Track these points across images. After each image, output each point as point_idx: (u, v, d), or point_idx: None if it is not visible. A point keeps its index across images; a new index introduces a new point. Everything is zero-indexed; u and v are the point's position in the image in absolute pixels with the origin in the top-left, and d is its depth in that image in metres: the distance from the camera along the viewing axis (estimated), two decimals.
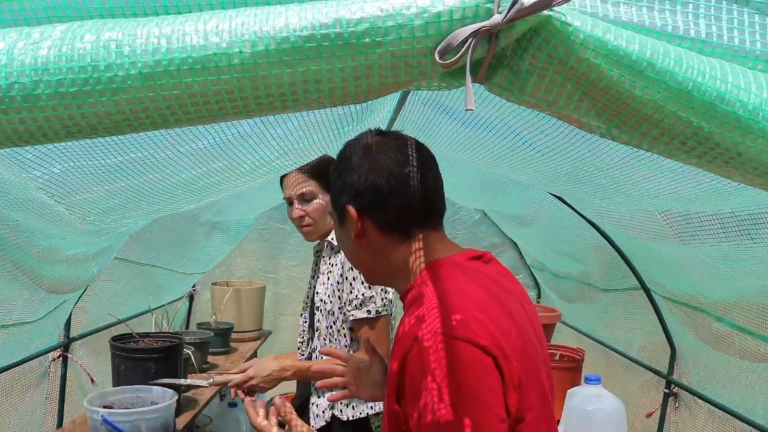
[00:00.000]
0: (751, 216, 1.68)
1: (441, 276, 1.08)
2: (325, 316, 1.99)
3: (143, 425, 1.88)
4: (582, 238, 3.06)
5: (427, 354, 0.95)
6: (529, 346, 1.05)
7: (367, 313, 1.86)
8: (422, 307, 1.02)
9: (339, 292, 1.94)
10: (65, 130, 0.79)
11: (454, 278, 1.08)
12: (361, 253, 1.19)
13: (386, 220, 1.14)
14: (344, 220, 1.18)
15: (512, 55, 0.82)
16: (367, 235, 1.15)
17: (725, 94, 0.78)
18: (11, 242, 1.63)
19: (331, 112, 1.88)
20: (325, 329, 2.00)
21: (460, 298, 1.02)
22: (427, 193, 1.15)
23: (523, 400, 0.99)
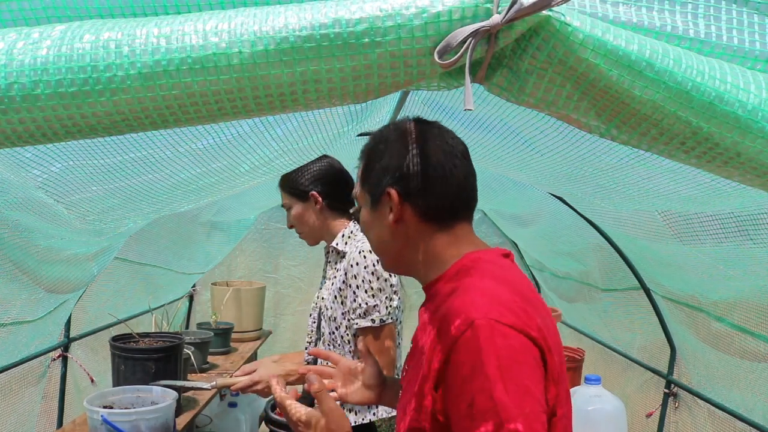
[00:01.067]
0: (751, 216, 1.68)
1: (482, 268, 1.08)
2: (327, 322, 1.98)
3: (143, 425, 1.87)
4: (582, 238, 3.07)
5: (481, 340, 0.94)
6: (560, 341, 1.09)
7: (372, 322, 1.84)
8: (468, 295, 1.01)
9: (342, 299, 1.93)
10: (65, 130, 0.79)
11: (495, 271, 1.08)
12: (390, 239, 1.16)
13: (427, 208, 1.13)
14: (380, 203, 1.15)
15: (511, 55, 0.82)
16: (405, 221, 1.14)
17: (724, 94, 0.78)
18: (11, 242, 1.63)
19: (330, 112, 1.88)
20: (329, 335, 1.99)
21: (507, 289, 1.02)
22: (467, 185, 1.16)
23: (559, 394, 1.01)
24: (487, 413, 0.90)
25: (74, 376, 2.71)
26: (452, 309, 0.99)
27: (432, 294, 1.14)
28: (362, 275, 1.85)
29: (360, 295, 1.85)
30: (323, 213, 2.04)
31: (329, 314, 1.97)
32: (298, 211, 2.07)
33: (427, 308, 1.13)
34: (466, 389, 0.93)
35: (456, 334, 0.95)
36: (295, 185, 2.07)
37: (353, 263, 1.88)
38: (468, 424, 0.92)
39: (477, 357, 0.93)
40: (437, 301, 1.09)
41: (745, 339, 2.18)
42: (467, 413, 0.93)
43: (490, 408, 0.90)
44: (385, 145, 1.17)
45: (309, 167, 2.08)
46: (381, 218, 1.15)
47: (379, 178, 1.15)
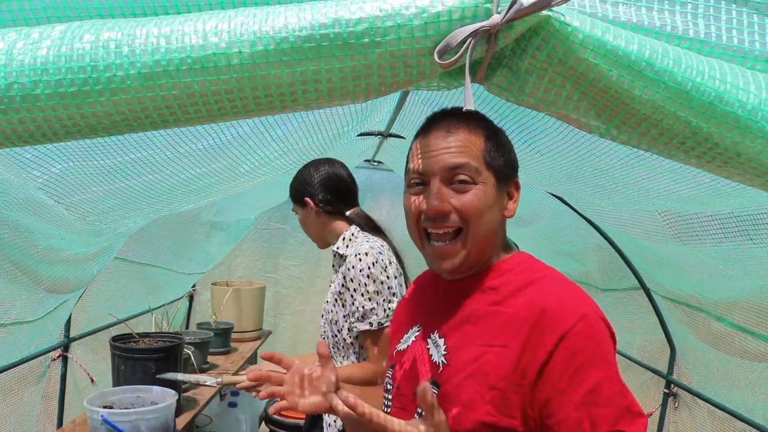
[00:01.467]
0: (750, 216, 1.68)
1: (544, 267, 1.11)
2: (329, 325, 1.99)
3: (143, 425, 1.87)
4: (582, 238, 3.06)
5: (596, 331, 0.98)
6: None
7: (369, 325, 1.84)
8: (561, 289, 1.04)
9: (342, 302, 1.94)
10: (64, 131, 0.79)
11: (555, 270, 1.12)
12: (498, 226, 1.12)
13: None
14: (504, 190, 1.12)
15: (511, 55, 0.82)
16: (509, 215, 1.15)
17: (724, 94, 0.78)
18: (11, 242, 1.63)
19: (330, 112, 1.88)
20: (332, 338, 1.99)
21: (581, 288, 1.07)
22: None
23: None
24: (615, 397, 0.95)
25: (74, 376, 2.71)
26: (550, 302, 1.00)
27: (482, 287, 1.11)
28: (358, 279, 1.85)
29: (357, 299, 1.86)
30: (321, 217, 2.05)
31: (330, 317, 1.97)
32: (300, 216, 2.11)
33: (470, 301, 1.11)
34: (587, 376, 0.95)
35: (568, 326, 0.97)
36: (294, 191, 2.10)
37: (350, 266, 1.88)
38: (589, 410, 0.94)
39: (596, 347, 0.97)
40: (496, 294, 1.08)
41: (745, 339, 2.18)
42: (587, 400, 0.95)
43: (617, 392, 0.95)
44: (505, 138, 1.15)
45: (308, 172, 2.09)
46: (500, 204, 1.11)
47: (511, 171, 1.13)
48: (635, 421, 0.95)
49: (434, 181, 1.07)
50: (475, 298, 1.10)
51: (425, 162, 1.08)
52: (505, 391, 0.99)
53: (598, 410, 0.94)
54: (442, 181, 1.07)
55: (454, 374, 1.07)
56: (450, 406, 1.05)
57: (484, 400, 1.01)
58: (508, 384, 0.99)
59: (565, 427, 0.95)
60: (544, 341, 0.98)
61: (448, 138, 1.08)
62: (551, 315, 0.99)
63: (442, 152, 1.07)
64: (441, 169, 1.07)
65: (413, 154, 1.13)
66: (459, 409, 1.04)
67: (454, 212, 1.06)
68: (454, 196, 1.06)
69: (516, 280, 1.08)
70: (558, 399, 0.96)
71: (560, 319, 0.98)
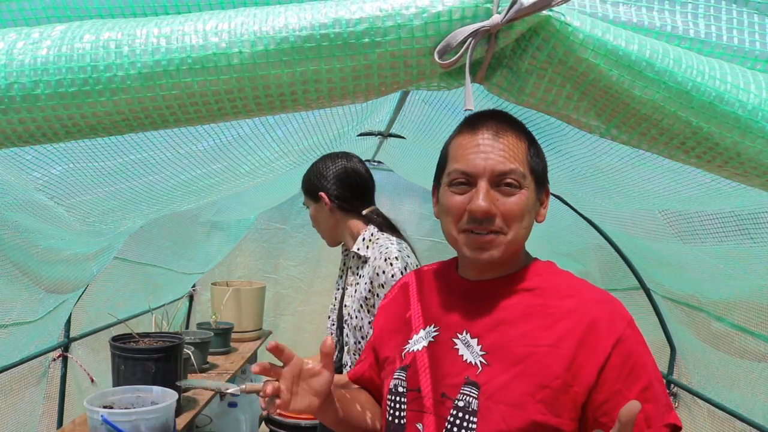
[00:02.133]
0: (751, 216, 1.68)
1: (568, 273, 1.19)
2: (352, 331, 1.89)
3: (143, 425, 1.87)
4: (582, 238, 3.06)
5: (640, 336, 1.07)
6: None
7: None
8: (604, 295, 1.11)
9: (368, 308, 1.83)
10: (65, 131, 0.79)
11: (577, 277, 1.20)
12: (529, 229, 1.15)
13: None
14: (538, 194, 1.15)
15: (511, 55, 0.82)
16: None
17: (724, 94, 0.78)
18: (11, 243, 1.63)
19: (331, 112, 1.88)
20: (354, 345, 1.89)
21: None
22: None
23: None
24: (662, 395, 1.06)
25: (75, 377, 2.71)
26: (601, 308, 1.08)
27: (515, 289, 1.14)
28: (390, 284, 1.75)
29: None
30: (335, 214, 1.96)
31: (354, 323, 1.87)
32: (312, 211, 2.03)
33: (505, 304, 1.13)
34: (640, 376, 1.04)
35: (621, 331, 1.05)
36: (307, 184, 2.01)
37: (379, 271, 1.79)
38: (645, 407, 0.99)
39: (644, 350, 1.07)
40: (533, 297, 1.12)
41: (745, 339, 2.18)
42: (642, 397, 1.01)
43: (663, 390, 1.06)
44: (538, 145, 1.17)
45: (325, 165, 1.99)
46: (536, 209, 1.15)
47: (544, 171, 1.16)
48: (673, 413, 1.06)
49: (482, 182, 1.07)
50: (512, 300, 1.13)
51: (473, 162, 1.08)
52: (556, 390, 1.03)
53: (651, 406, 1.03)
54: (490, 182, 1.07)
55: (498, 374, 1.06)
56: (496, 406, 1.05)
57: (535, 399, 1.03)
58: (560, 384, 1.03)
59: None
60: (602, 346, 1.04)
61: (497, 140, 1.08)
62: (604, 321, 1.06)
63: (492, 154, 1.07)
64: (491, 171, 1.07)
65: (457, 153, 1.12)
66: (508, 408, 1.04)
67: (499, 216, 1.08)
68: (500, 198, 1.08)
69: (549, 284, 1.14)
70: (615, 399, 1.02)
71: (613, 325, 1.05)
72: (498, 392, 1.05)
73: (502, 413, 1.04)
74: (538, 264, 1.19)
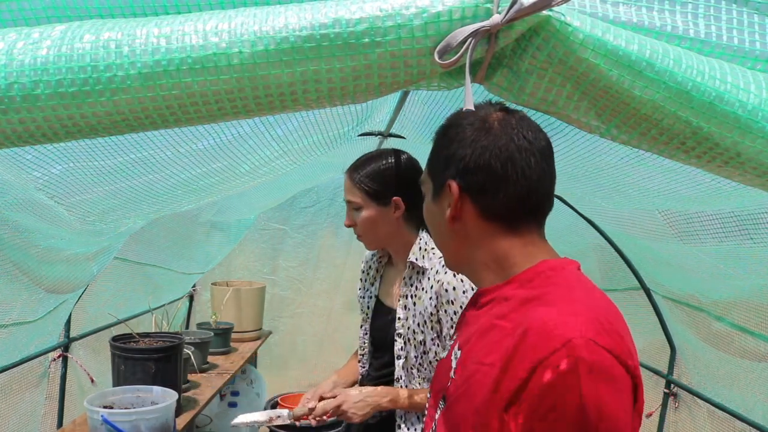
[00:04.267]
0: (751, 216, 1.68)
1: (566, 278, 0.96)
2: (414, 346, 1.76)
3: (143, 425, 1.87)
4: (582, 238, 3.07)
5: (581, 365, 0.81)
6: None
7: None
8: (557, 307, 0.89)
9: (432, 324, 1.71)
10: (65, 131, 0.79)
11: (582, 285, 0.96)
12: (449, 236, 1.06)
13: (491, 208, 1.00)
14: (440, 196, 1.04)
15: (512, 55, 0.82)
16: (464, 219, 1.02)
17: (724, 94, 0.78)
18: (11, 242, 1.63)
19: (331, 112, 1.88)
20: (414, 359, 1.77)
21: (598, 307, 0.90)
22: (542, 188, 1.02)
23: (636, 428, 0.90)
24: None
25: (76, 377, 2.71)
26: (538, 321, 0.87)
27: (495, 297, 1.01)
28: (460, 300, 1.63)
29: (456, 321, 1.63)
30: (398, 221, 1.77)
31: (419, 338, 1.75)
32: (370, 214, 1.77)
33: (485, 312, 1.01)
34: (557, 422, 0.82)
35: (545, 353, 0.83)
36: (376, 184, 1.76)
37: (449, 288, 1.66)
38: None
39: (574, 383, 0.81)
40: (505, 306, 0.97)
41: (745, 339, 2.18)
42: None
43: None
44: (455, 131, 1.02)
45: (389, 163, 1.77)
46: (440, 212, 1.05)
47: (442, 168, 1.03)
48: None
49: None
50: (487, 310, 1.02)
51: None
52: (485, 416, 0.89)
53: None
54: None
55: (454, 391, 1.00)
56: (445, 424, 0.99)
57: (468, 423, 0.92)
58: (489, 408, 0.88)
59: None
60: (519, 367, 0.85)
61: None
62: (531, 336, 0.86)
63: None
64: None
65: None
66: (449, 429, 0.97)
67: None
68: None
69: (519, 294, 0.97)
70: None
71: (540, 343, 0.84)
72: (448, 410, 1.00)
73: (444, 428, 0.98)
74: (538, 267, 1.00)
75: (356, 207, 1.78)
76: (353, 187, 1.78)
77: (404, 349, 1.78)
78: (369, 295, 1.94)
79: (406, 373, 1.79)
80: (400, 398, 1.74)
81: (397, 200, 1.75)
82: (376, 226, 1.78)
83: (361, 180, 1.76)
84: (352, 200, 1.78)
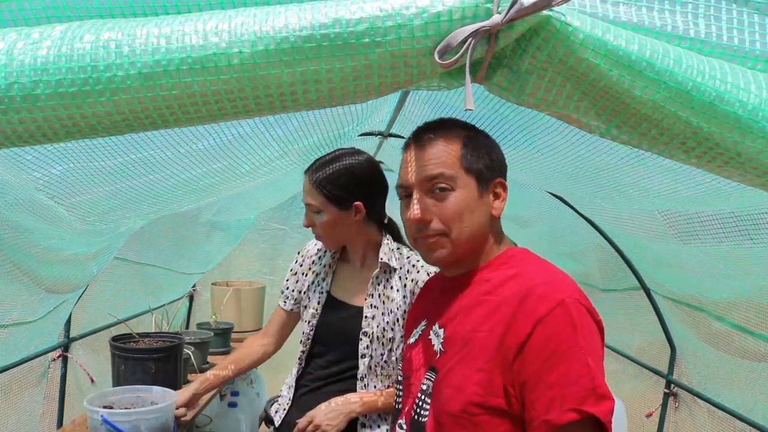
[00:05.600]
0: (751, 216, 1.68)
1: (534, 258, 1.18)
2: (382, 343, 1.76)
3: (143, 425, 1.87)
4: (582, 238, 3.07)
5: (573, 316, 1.03)
6: None
7: None
8: (543, 277, 1.10)
9: (404, 321, 1.71)
10: (65, 131, 0.79)
11: (545, 262, 1.17)
12: (487, 227, 1.19)
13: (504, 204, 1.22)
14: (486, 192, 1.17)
15: (512, 55, 0.82)
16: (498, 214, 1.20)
17: (725, 94, 0.78)
18: (11, 242, 1.63)
19: (331, 112, 1.88)
20: (380, 357, 1.77)
21: (567, 276, 1.12)
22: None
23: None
24: (583, 378, 1.00)
25: (76, 377, 2.71)
26: (532, 288, 1.06)
27: (476, 280, 1.18)
28: None
29: None
30: (360, 224, 1.76)
31: (388, 336, 1.75)
32: (330, 219, 1.74)
33: (467, 293, 1.18)
34: (561, 359, 1.01)
35: (544, 312, 1.03)
36: (335, 188, 1.71)
37: (422, 285, 1.63)
38: (560, 390, 1.00)
39: (571, 331, 1.02)
40: (488, 285, 1.15)
41: (745, 339, 2.18)
42: (559, 380, 1.00)
43: (585, 373, 1.00)
44: (488, 140, 1.21)
45: (350, 167, 1.73)
46: (486, 206, 1.17)
47: (490, 171, 1.18)
48: (600, 403, 1.00)
49: (414, 192, 1.17)
50: (470, 290, 1.18)
51: (404, 175, 1.19)
52: (490, 372, 1.06)
53: (566, 390, 1.00)
54: (423, 190, 1.16)
55: (448, 360, 1.15)
56: (444, 389, 1.13)
57: (472, 381, 1.08)
58: (492, 366, 1.06)
59: (539, 404, 1.02)
60: (523, 324, 1.04)
61: (423, 150, 1.18)
62: (531, 300, 1.05)
63: (418, 164, 1.17)
64: (419, 180, 1.16)
65: (400, 169, 1.22)
66: (451, 390, 1.11)
67: (435, 219, 1.15)
68: (435, 203, 1.15)
69: (505, 273, 1.15)
70: (534, 380, 1.02)
71: (539, 304, 1.04)
72: (446, 376, 1.14)
73: (447, 395, 1.12)
74: (508, 252, 1.20)
75: (315, 210, 1.75)
76: (312, 189, 1.74)
77: (370, 348, 1.78)
78: (320, 291, 1.91)
79: (370, 371, 1.80)
80: (377, 402, 1.74)
81: (359, 205, 1.73)
82: (336, 229, 1.77)
83: (320, 184, 1.72)
84: (312, 203, 1.75)
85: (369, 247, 1.84)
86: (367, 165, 1.77)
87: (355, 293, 1.85)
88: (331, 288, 1.92)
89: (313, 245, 2.00)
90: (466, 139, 1.18)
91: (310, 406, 1.80)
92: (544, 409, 1.01)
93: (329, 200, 1.73)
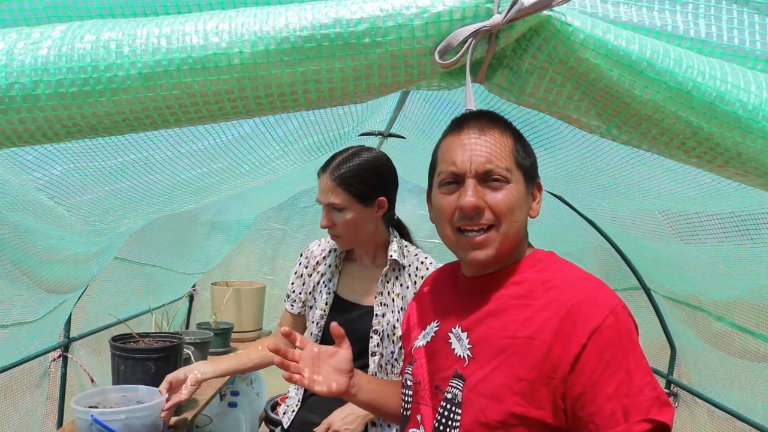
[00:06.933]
0: (751, 216, 1.68)
1: (563, 263, 1.14)
2: (393, 341, 1.77)
3: (134, 423, 1.85)
4: (582, 238, 3.06)
5: (626, 324, 1.01)
6: None
7: None
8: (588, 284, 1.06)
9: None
10: (65, 131, 0.79)
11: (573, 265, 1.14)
12: (525, 226, 1.17)
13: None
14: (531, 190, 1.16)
15: (512, 55, 0.82)
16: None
17: (725, 94, 0.78)
18: (11, 243, 1.63)
19: (331, 112, 1.88)
20: (391, 355, 1.78)
21: (604, 282, 1.09)
22: None
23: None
24: (646, 387, 0.98)
25: (77, 377, 2.71)
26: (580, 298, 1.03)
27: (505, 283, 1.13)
28: None
29: None
30: (378, 221, 1.76)
31: (399, 334, 1.75)
32: (354, 216, 1.70)
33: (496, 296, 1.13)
34: (618, 368, 0.98)
35: (599, 321, 1.00)
36: (361, 184, 1.69)
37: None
38: (622, 400, 0.97)
39: (626, 339, 1.00)
40: (521, 288, 1.11)
41: (745, 339, 2.18)
42: (618, 391, 0.97)
43: (648, 382, 0.99)
44: (524, 143, 1.17)
45: (372, 162, 1.72)
46: (528, 203, 1.15)
47: (535, 168, 1.17)
48: (664, 410, 0.98)
49: (469, 179, 1.09)
50: (500, 293, 1.13)
51: (459, 161, 1.10)
52: (533, 382, 1.02)
53: (630, 400, 0.97)
54: (477, 179, 1.09)
55: (480, 367, 1.09)
56: (477, 398, 1.07)
57: (513, 391, 1.03)
58: (537, 375, 1.01)
59: (599, 417, 0.98)
60: (577, 335, 1.00)
61: (482, 137, 1.11)
62: (582, 310, 1.01)
63: (477, 151, 1.10)
64: (476, 167, 1.09)
65: (445, 154, 1.14)
66: (487, 400, 1.05)
67: (488, 210, 1.09)
68: (489, 194, 1.09)
69: (539, 276, 1.11)
70: (592, 391, 0.98)
71: (591, 314, 1.01)
72: (479, 384, 1.08)
73: (482, 405, 1.06)
74: (536, 254, 1.17)
75: (339, 208, 1.71)
76: (336, 188, 1.70)
77: (380, 346, 1.79)
78: (327, 291, 1.89)
79: (380, 369, 1.80)
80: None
81: (382, 201, 1.72)
82: (359, 226, 1.73)
83: (346, 181, 1.69)
84: (334, 202, 1.70)
85: (379, 245, 1.83)
86: (385, 160, 1.77)
87: (363, 293, 1.85)
88: (337, 288, 1.90)
89: (317, 246, 1.98)
90: (516, 135, 1.15)
91: (319, 407, 1.81)
92: (606, 422, 0.97)
93: (355, 197, 1.70)
